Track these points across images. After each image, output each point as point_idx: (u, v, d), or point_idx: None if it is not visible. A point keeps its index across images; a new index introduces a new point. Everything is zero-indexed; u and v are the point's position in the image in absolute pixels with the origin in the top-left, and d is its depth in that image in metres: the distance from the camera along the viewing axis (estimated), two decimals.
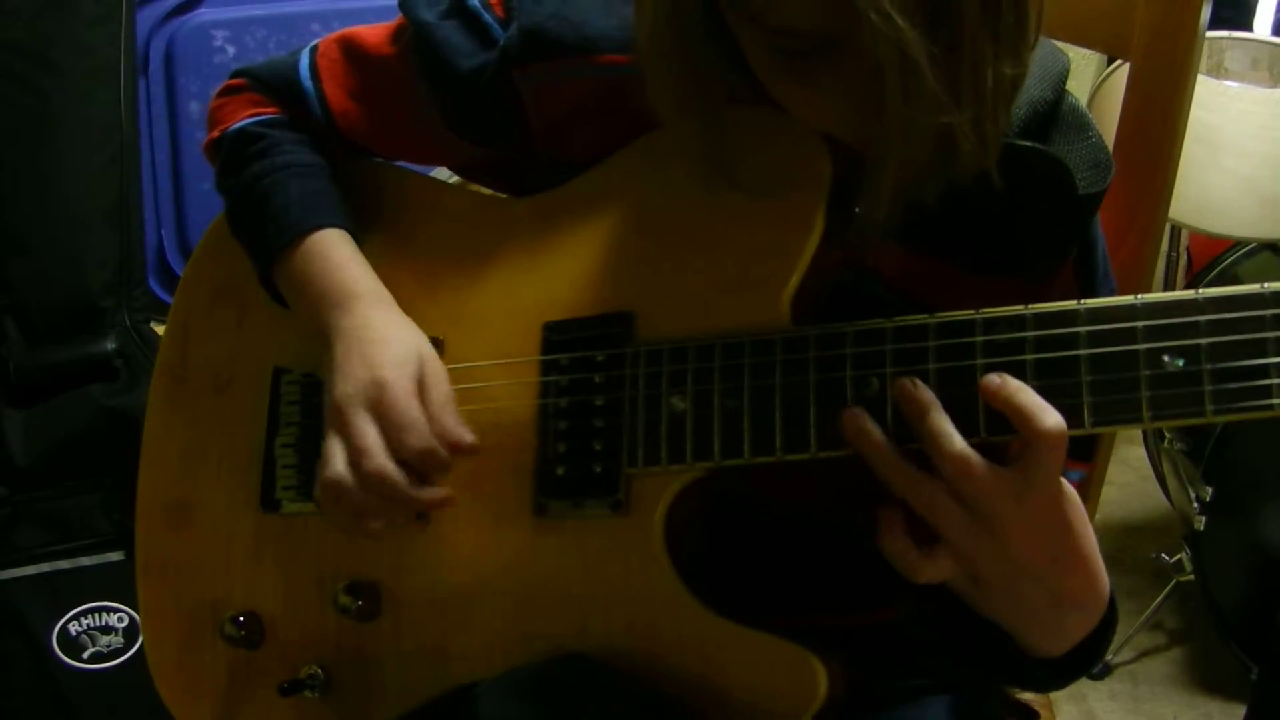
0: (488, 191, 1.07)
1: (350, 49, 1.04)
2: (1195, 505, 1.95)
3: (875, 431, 0.76)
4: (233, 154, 1.04)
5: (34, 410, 1.76)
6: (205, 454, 1.06)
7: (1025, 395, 0.72)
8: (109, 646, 1.73)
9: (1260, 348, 0.68)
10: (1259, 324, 0.68)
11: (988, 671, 0.90)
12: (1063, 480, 0.74)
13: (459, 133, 1.00)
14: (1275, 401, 0.67)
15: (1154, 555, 2.13)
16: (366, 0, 2.18)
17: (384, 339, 0.91)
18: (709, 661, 0.80)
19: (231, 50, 2.09)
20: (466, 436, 0.88)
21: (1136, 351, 0.71)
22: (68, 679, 1.71)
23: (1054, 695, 1.26)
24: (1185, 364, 0.69)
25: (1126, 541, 2.43)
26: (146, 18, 2.02)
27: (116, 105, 1.83)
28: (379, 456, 0.85)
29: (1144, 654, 2.16)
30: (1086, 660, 0.84)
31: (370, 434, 0.86)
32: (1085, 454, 0.98)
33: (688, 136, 0.86)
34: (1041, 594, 0.77)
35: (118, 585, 1.72)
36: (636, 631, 0.83)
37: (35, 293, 1.78)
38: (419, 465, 0.86)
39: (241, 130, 1.04)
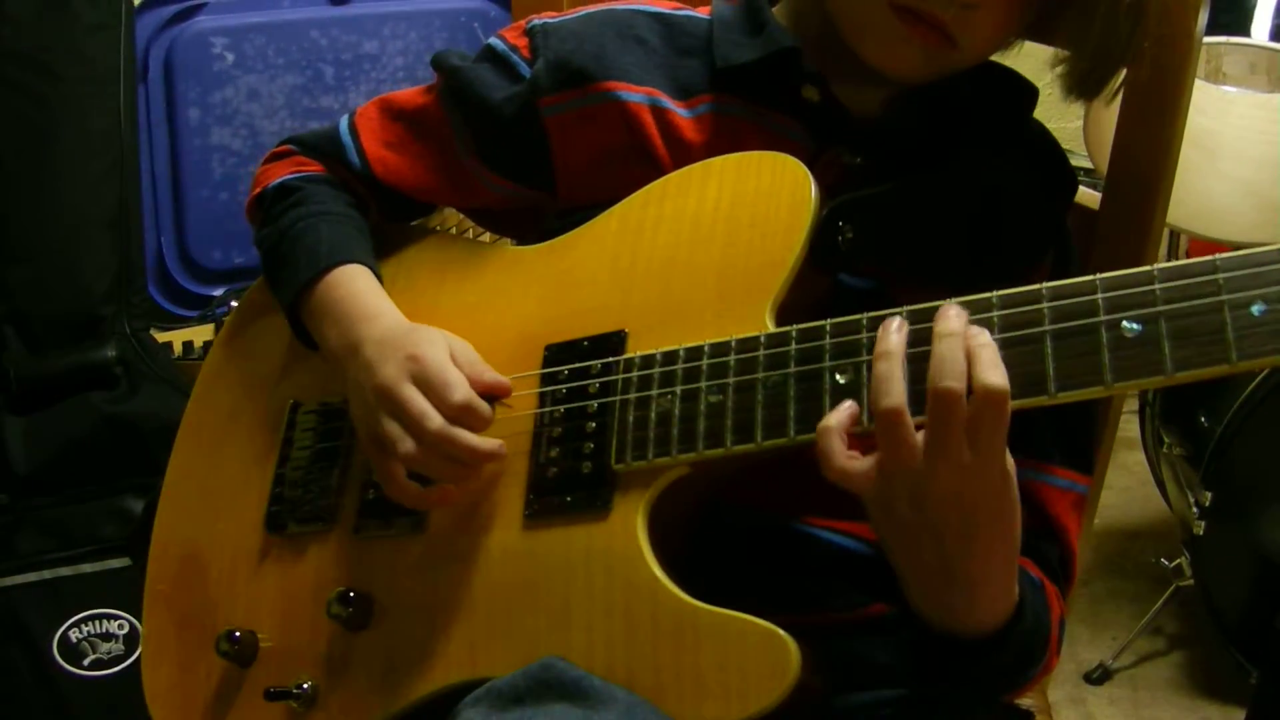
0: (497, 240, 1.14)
1: (385, 106, 1.13)
2: (1195, 510, 1.95)
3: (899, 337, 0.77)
4: (273, 205, 1.11)
5: (35, 418, 1.76)
6: (221, 489, 1.10)
7: (987, 351, 0.74)
8: (109, 653, 1.73)
9: (1216, 310, 0.71)
10: (1213, 288, 0.72)
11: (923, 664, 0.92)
12: (1007, 477, 0.76)
13: (491, 164, 1.07)
14: (1233, 356, 0.70)
15: (1154, 560, 2.14)
16: (365, 8, 2.19)
17: (409, 329, 0.98)
18: (683, 646, 0.82)
19: (231, 57, 2.10)
20: (504, 381, 0.94)
21: (1097, 322, 0.74)
22: (68, 686, 1.72)
23: (1053, 700, 1.26)
24: (1144, 329, 0.73)
25: (1126, 546, 2.43)
26: (146, 25, 2.03)
27: (116, 112, 1.84)
28: (436, 418, 0.90)
29: (1144, 659, 2.16)
30: (994, 656, 0.85)
31: (420, 400, 0.91)
32: (1085, 466, 0.99)
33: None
34: (936, 555, 0.79)
35: (119, 592, 1.73)
36: (615, 621, 0.85)
37: (35, 300, 1.78)
38: (463, 419, 0.91)
39: (282, 184, 1.11)
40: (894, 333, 0.77)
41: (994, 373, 0.73)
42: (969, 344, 0.74)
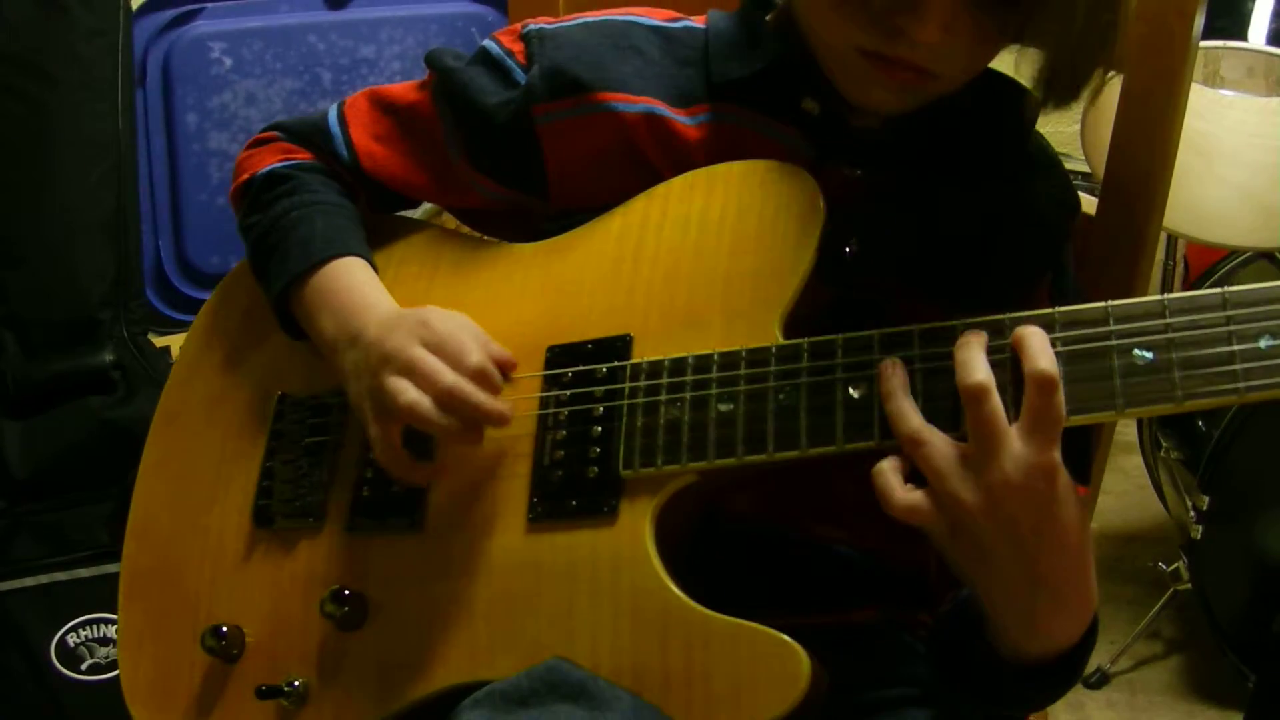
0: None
1: (376, 99, 1.12)
2: (1192, 514, 1.95)
3: (901, 372, 0.80)
4: (261, 193, 1.08)
5: (32, 422, 1.76)
6: (201, 479, 1.08)
7: (1037, 339, 0.76)
8: (107, 658, 1.73)
9: (1225, 341, 0.73)
10: (1223, 320, 0.74)
11: (967, 689, 0.91)
12: (1064, 472, 0.77)
13: (482, 169, 1.05)
14: (1240, 386, 0.72)
15: (1151, 564, 2.14)
16: (363, 12, 2.19)
17: (413, 309, 0.97)
18: (693, 653, 0.82)
19: (229, 62, 2.10)
20: (510, 356, 0.94)
21: (1109, 348, 0.76)
22: (66, 690, 1.71)
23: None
24: (1156, 357, 0.75)
25: (1124, 550, 2.43)
26: (144, 29, 2.03)
27: (114, 117, 1.84)
28: (450, 373, 0.90)
29: (1141, 663, 2.16)
30: (1061, 679, 0.86)
31: (432, 359, 0.91)
32: (1082, 476, 0.99)
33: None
34: (1018, 564, 0.78)
35: (115, 597, 1.72)
36: (621, 626, 0.84)
37: (32, 305, 1.78)
38: (476, 382, 0.90)
39: (271, 172, 1.09)
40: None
41: (1043, 359, 0.75)
42: (1016, 335, 0.77)
